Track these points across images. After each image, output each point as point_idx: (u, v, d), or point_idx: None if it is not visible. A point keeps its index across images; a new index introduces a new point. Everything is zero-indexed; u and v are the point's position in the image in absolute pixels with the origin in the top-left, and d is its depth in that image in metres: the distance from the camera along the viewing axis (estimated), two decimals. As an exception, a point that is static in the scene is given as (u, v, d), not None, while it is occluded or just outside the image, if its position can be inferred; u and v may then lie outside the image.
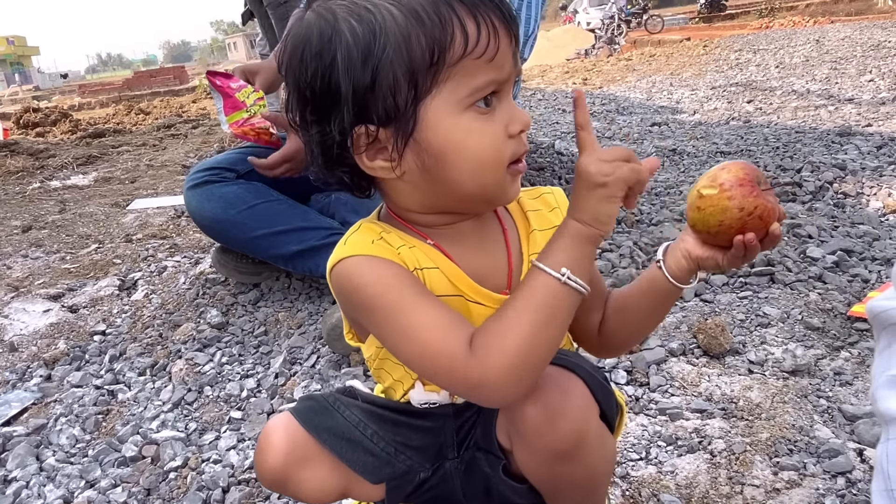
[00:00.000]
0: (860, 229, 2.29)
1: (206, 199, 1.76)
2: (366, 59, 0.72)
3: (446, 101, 0.75)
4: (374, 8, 0.73)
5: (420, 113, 0.74)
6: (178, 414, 1.66)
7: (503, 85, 0.77)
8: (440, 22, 0.72)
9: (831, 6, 21.24)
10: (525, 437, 0.81)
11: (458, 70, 0.73)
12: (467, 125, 0.75)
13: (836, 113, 4.40)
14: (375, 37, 0.72)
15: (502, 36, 0.75)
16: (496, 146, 0.77)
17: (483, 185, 0.79)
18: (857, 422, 1.34)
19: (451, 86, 0.74)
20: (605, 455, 0.86)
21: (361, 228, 0.86)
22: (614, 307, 0.95)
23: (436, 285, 0.82)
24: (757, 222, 0.79)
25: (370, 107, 0.74)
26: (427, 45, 0.72)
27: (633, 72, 8.74)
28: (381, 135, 0.76)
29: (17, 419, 1.73)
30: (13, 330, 2.25)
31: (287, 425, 0.94)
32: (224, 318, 2.09)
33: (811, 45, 8.74)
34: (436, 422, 0.94)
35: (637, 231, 2.47)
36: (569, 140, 4.37)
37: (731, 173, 0.80)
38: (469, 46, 0.72)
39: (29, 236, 3.47)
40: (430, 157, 0.76)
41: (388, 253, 0.80)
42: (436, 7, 0.72)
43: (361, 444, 0.94)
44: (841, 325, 1.72)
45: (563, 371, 0.82)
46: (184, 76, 27.24)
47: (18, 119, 9.56)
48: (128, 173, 5.14)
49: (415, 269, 0.81)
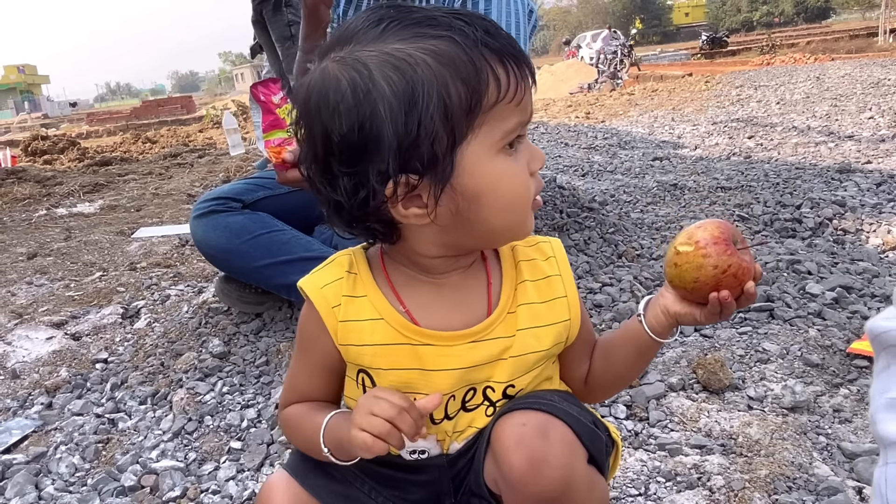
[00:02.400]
0: (860, 266, 2.30)
1: (212, 228, 1.78)
2: (409, 111, 0.72)
3: (482, 146, 0.76)
4: (409, 58, 0.73)
5: (457, 159, 0.75)
6: (178, 443, 1.66)
7: (526, 126, 0.81)
8: (475, 70, 0.74)
9: (832, 44, 21.52)
10: (512, 485, 0.82)
11: (492, 115, 0.76)
12: (500, 167, 0.78)
13: (836, 150, 4.44)
14: (415, 88, 0.73)
15: (526, 79, 0.78)
16: (525, 184, 0.81)
17: (512, 221, 0.82)
18: (856, 459, 1.34)
19: (486, 130, 0.76)
20: (595, 498, 0.87)
21: (333, 263, 0.91)
22: (599, 353, 0.98)
23: (378, 335, 0.87)
24: (731, 280, 0.81)
25: (412, 157, 0.74)
26: (465, 93, 0.73)
27: (636, 106, 8.84)
28: (416, 182, 0.76)
29: (18, 447, 1.74)
30: (16, 357, 2.26)
31: (287, 484, 0.94)
32: (226, 348, 2.10)
33: (812, 81, 8.84)
34: (431, 474, 0.94)
35: (637, 265, 2.48)
36: (570, 174, 4.41)
37: (706, 231, 0.83)
38: (501, 92, 0.75)
39: (34, 263, 3.49)
40: (464, 201, 0.77)
41: (324, 304, 0.88)
42: (469, 55, 0.74)
43: (359, 501, 0.94)
44: (840, 361, 1.73)
45: (549, 417, 0.83)
46: (191, 106, 27.55)
47: (27, 146, 9.67)
48: (133, 201, 5.19)
49: (342, 321, 0.88)
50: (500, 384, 0.89)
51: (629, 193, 3.67)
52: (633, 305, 2.09)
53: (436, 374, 0.87)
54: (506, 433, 0.82)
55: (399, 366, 0.87)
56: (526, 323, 0.89)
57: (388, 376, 0.88)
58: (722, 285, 0.81)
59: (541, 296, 0.91)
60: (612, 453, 0.99)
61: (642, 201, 3.49)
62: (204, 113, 17.57)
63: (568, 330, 0.92)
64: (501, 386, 0.89)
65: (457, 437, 0.92)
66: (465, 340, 0.87)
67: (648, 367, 1.75)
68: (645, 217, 3.17)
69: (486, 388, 0.90)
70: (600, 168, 4.55)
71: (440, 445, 0.93)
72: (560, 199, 3.49)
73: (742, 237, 0.84)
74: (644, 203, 3.46)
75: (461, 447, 0.93)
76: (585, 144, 5.85)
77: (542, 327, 0.90)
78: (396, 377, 0.88)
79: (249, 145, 7.88)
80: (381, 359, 0.87)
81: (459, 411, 0.91)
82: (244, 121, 12.49)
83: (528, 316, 0.90)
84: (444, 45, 0.74)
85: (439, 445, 0.93)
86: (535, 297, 0.91)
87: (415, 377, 0.87)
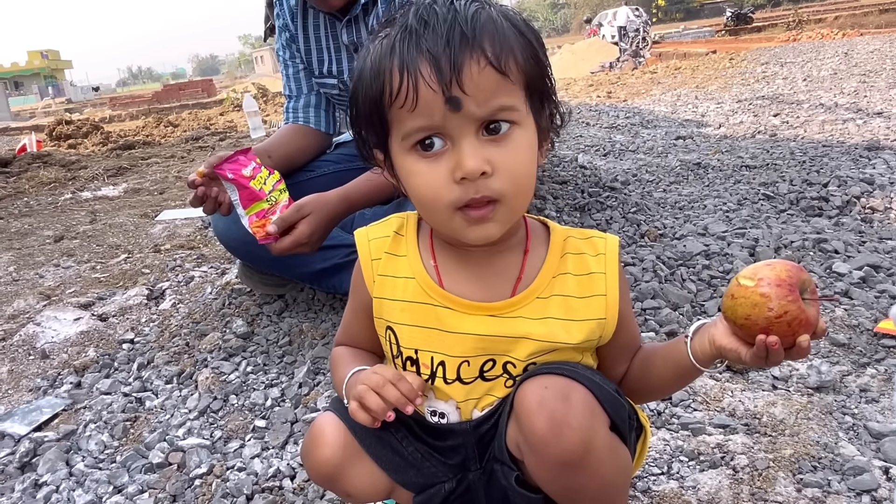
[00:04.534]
0: (888, 245, 2.26)
1: (233, 221, 1.79)
2: (354, 95, 0.87)
3: (395, 141, 0.85)
4: (365, 51, 0.86)
5: (391, 147, 0.87)
6: (204, 422, 1.68)
7: (446, 129, 0.80)
8: (377, 72, 0.82)
9: (860, 18, 21.01)
10: (533, 447, 0.83)
11: (393, 115, 0.83)
12: (410, 166, 0.84)
13: (865, 127, 4.35)
14: (360, 75, 0.86)
15: (424, 88, 0.78)
16: (435, 189, 0.82)
17: (435, 222, 0.88)
18: (882, 439, 1.33)
19: (395, 127, 0.84)
20: (617, 465, 0.87)
21: (387, 222, 1.00)
22: (640, 360, 0.98)
23: (409, 292, 0.94)
24: (784, 328, 0.77)
25: (367, 135, 0.89)
26: (374, 93, 0.83)
27: (658, 85, 8.72)
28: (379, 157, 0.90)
29: (48, 425, 1.77)
30: (45, 338, 2.30)
31: (337, 422, 0.98)
32: (249, 329, 2.13)
33: (839, 57, 8.66)
34: (456, 439, 0.97)
35: (660, 245, 2.46)
36: (592, 153, 4.37)
37: (773, 271, 0.79)
38: (392, 96, 0.81)
39: (61, 246, 3.55)
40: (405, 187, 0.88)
41: (366, 257, 0.98)
42: (380, 60, 0.82)
43: (390, 444, 0.98)
44: (867, 341, 1.70)
45: (570, 381, 0.84)
46: (211, 89, 27.67)
47: (51, 131, 9.79)
48: (156, 185, 5.24)
49: (379, 276, 0.96)
50: (521, 361, 0.91)
51: (652, 173, 3.63)
52: (656, 285, 2.07)
53: (452, 335, 0.91)
54: (528, 396, 0.84)
55: (420, 323, 0.93)
56: (558, 313, 0.90)
57: (410, 333, 0.94)
58: (773, 330, 0.77)
59: (581, 291, 0.92)
60: (641, 439, 0.99)
61: (665, 181, 3.46)
62: (224, 96, 17.63)
63: (602, 329, 0.92)
64: (523, 364, 0.91)
65: (476, 405, 0.95)
66: (483, 312, 0.90)
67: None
68: (668, 196, 3.13)
69: (507, 362, 0.91)
70: (622, 147, 4.50)
71: (459, 413, 0.95)
72: (582, 178, 3.47)
73: (814, 287, 0.80)
74: (667, 182, 3.42)
75: (483, 414, 0.95)
76: (607, 124, 5.79)
77: (575, 321, 0.90)
78: (416, 334, 0.93)
79: (270, 128, 7.92)
80: (407, 315, 0.93)
81: (477, 379, 0.93)
82: (264, 103, 12.53)
83: (562, 307, 0.91)
84: (381, 44, 0.83)
85: (458, 412, 0.95)
86: (574, 291, 0.91)
87: (433, 336, 0.92)
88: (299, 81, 2.14)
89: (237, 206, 1.66)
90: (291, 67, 2.14)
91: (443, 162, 0.80)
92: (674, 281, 2.14)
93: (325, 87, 2.12)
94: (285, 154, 2.04)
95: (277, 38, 2.18)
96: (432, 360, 0.93)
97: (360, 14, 1.92)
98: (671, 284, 2.10)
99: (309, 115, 2.14)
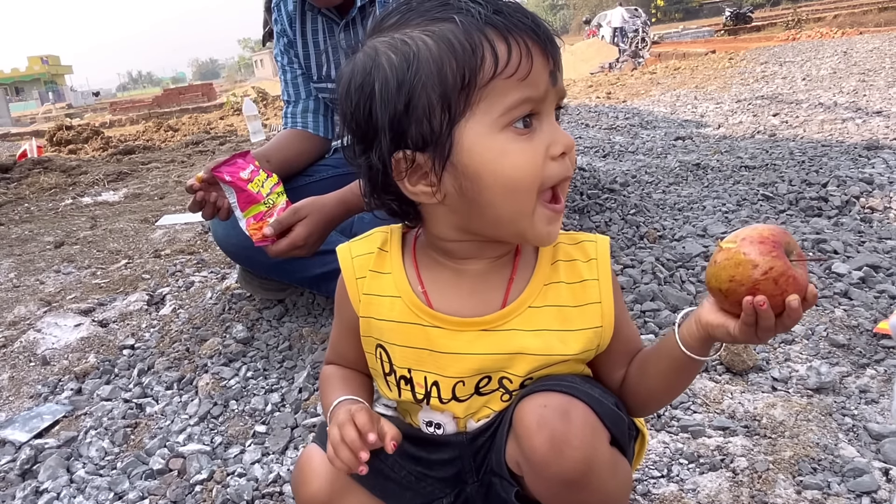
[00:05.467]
0: (887, 244, 2.26)
1: (232, 226, 1.79)
2: (400, 86, 0.76)
3: (480, 123, 0.76)
4: (409, 40, 0.77)
5: (455, 136, 0.76)
6: (205, 427, 1.69)
7: (541, 105, 0.78)
8: (471, 47, 0.74)
9: (860, 17, 21.00)
10: (533, 466, 0.82)
11: (490, 90, 0.75)
12: (502, 146, 0.76)
13: (864, 126, 4.35)
14: (409, 64, 0.75)
15: (536, 55, 0.75)
16: (533, 167, 0.77)
17: (517, 210, 0.79)
18: (882, 440, 1.33)
19: (485, 107, 0.75)
20: (618, 481, 0.86)
21: (369, 238, 0.97)
22: (637, 363, 0.94)
23: (395, 312, 0.91)
24: (771, 286, 0.73)
25: (407, 132, 0.77)
26: (458, 69, 0.74)
27: (658, 85, 8.72)
28: (419, 159, 0.78)
29: (49, 432, 1.78)
30: (45, 344, 2.31)
31: (323, 455, 0.95)
32: (249, 333, 2.13)
33: (839, 56, 8.65)
34: (452, 452, 0.96)
35: (659, 247, 2.46)
36: (591, 155, 4.37)
37: (755, 231, 0.76)
38: (500, 66, 0.74)
39: (61, 252, 3.55)
40: (466, 180, 0.77)
41: (351, 275, 0.95)
42: (468, 34, 0.74)
43: (381, 471, 0.96)
44: (867, 342, 1.70)
45: (570, 399, 0.82)
46: (212, 93, 27.67)
47: (52, 136, 9.79)
48: (157, 189, 5.25)
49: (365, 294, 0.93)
50: (518, 377, 0.89)
51: (651, 174, 3.63)
52: (655, 287, 2.07)
53: (445, 356, 0.88)
54: (527, 415, 0.82)
55: (411, 344, 0.90)
56: (553, 325, 0.88)
57: (402, 353, 0.91)
58: (759, 289, 0.73)
59: (575, 300, 0.89)
60: (637, 441, 0.98)
61: (664, 182, 3.46)
62: (224, 100, 17.64)
63: (599, 337, 0.90)
64: (520, 379, 0.89)
65: (473, 417, 0.93)
66: (475, 328, 0.87)
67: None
68: (667, 198, 3.14)
69: (503, 378, 0.89)
70: (622, 149, 4.51)
71: (456, 424, 0.94)
72: (581, 180, 3.47)
73: (799, 250, 0.77)
74: (666, 183, 3.42)
75: (479, 426, 0.93)
76: (606, 125, 5.79)
77: (571, 332, 0.88)
78: (408, 354, 0.91)
79: (270, 131, 7.92)
80: (396, 335, 0.91)
81: (472, 395, 0.91)
82: (264, 107, 12.54)
83: (557, 318, 0.88)
84: (445, 26, 0.76)
85: (455, 423, 0.94)
86: (568, 301, 0.89)
87: (425, 357, 0.90)
88: (297, 87, 2.15)
89: (235, 208, 1.66)
90: (289, 73, 2.15)
91: (535, 139, 0.77)
92: (673, 283, 2.14)
93: (323, 92, 2.13)
94: (284, 159, 2.05)
95: (276, 43, 2.18)
96: (426, 380, 0.91)
97: (358, 17, 1.93)
98: (670, 286, 2.10)
99: (307, 120, 2.14)
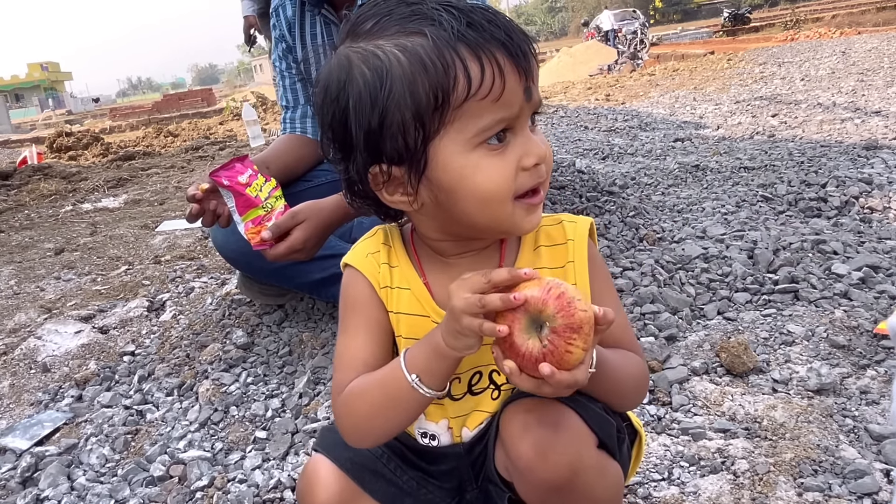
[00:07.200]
0: (887, 245, 2.26)
1: (231, 232, 1.80)
2: (374, 104, 0.76)
3: (454, 142, 0.77)
4: (382, 54, 0.76)
5: (430, 152, 0.77)
6: (205, 434, 1.69)
7: (515, 121, 0.78)
8: (443, 66, 0.74)
9: (858, 17, 21.02)
10: (520, 472, 0.83)
11: (464, 111, 0.75)
12: (476, 162, 0.77)
13: (863, 126, 4.35)
14: (382, 83, 0.76)
15: (509, 74, 0.75)
16: (505, 180, 0.78)
17: (493, 218, 0.80)
18: (883, 441, 1.33)
19: (459, 126, 0.76)
20: (606, 483, 0.86)
21: (374, 236, 0.96)
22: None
23: (405, 304, 0.90)
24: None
25: (382, 147, 0.78)
26: (431, 90, 0.74)
27: (656, 87, 8.73)
28: (395, 172, 0.80)
29: (50, 439, 1.78)
30: (46, 351, 2.31)
31: (330, 464, 0.96)
32: (249, 339, 2.13)
33: (837, 56, 8.66)
34: (450, 463, 0.97)
35: (659, 249, 2.46)
36: (590, 157, 4.37)
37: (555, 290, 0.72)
38: (472, 89, 0.74)
39: (61, 258, 3.56)
40: (441, 193, 0.80)
41: (371, 270, 0.91)
42: (439, 52, 0.74)
43: (385, 476, 0.97)
44: (867, 342, 1.70)
45: (555, 404, 0.83)
46: (211, 98, 27.71)
47: (52, 143, 9.82)
48: (157, 195, 5.25)
49: (384, 287, 0.90)
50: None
51: (650, 176, 3.63)
52: (655, 290, 2.07)
53: None
54: (512, 421, 0.83)
55: (417, 336, 0.88)
56: None
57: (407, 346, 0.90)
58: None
59: None
60: (636, 444, 0.98)
61: (663, 183, 3.46)
62: (224, 105, 17.65)
63: None
64: None
65: (465, 422, 0.94)
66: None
67: (671, 351, 1.74)
68: (666, 199, 3.14)
69: (493, 371, 0.91)
70: (621, 151, 4.51)
71: (450, 434, 0.95)
72: (580, 183, 3.47)
73: (559, 324, 0.71)
74: (665, 185, 3.42)
75: (474, 435, 0.94)
76: (605, 127, 5.79)
77: None
78: None
79: (269, 136, 7.93)
80: (406, 327, 0.91)
81: (466, 394, 0.92)
82: (263, 112, 12.56)
83: None
84: (417, 40, 0.75)
85: (449, 434, 0.95)
86: None
87: None
88: (296, 92, 2.15)
89: (233, 212, 1.66)
90: (288, 78, 2.15)
91: (508, 153, 0.78)
92: (673, 285, 2.13)
93: None
94: (283, 164, 2.05)
95: (274, 49, 2.18)
96: None
97: None
98: (670, 288, 2.10)
99: (306, 126, 2.15)
